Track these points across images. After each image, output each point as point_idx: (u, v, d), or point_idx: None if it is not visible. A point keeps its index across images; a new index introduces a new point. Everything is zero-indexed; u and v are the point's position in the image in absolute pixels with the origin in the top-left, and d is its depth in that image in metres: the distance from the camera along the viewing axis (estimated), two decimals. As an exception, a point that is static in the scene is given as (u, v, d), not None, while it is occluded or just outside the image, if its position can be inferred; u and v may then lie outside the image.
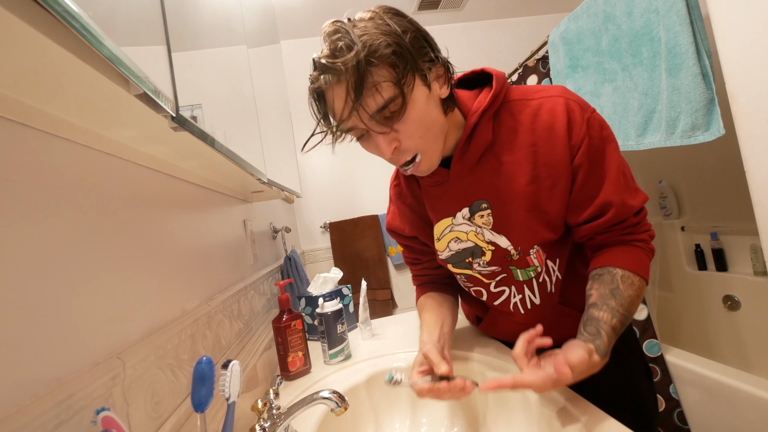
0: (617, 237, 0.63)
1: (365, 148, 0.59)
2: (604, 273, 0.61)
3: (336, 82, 0.50)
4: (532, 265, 0.66)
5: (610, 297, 0.57)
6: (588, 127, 0.59)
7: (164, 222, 0.52)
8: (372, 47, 0.48)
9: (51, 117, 0.32)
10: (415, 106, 0.52)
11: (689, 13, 1.06)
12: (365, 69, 0.48)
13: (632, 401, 0.71)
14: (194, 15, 0.51)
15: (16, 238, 0.28)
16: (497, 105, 0.61)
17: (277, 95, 1.37)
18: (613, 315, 0.55)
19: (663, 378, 1.34)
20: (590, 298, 0.59)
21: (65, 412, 0.29)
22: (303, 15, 2.19)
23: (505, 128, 0.61)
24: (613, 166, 0.60)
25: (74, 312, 0.33)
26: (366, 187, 2.46)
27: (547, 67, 1.70)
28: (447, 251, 0.70)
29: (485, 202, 0.64)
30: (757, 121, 0.87)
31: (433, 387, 0.56)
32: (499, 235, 0.65)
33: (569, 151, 0.59)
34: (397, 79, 0.50)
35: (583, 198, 0.61)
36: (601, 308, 0.56)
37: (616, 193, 0.60)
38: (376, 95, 0.49)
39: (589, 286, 0.62)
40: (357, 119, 0.51)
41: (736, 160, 0.92)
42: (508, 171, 0.61)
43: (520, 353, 0.54)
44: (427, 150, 0.56)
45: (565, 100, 0.59)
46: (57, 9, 0.21)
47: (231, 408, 0.43)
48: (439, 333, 0.67)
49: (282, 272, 1.39)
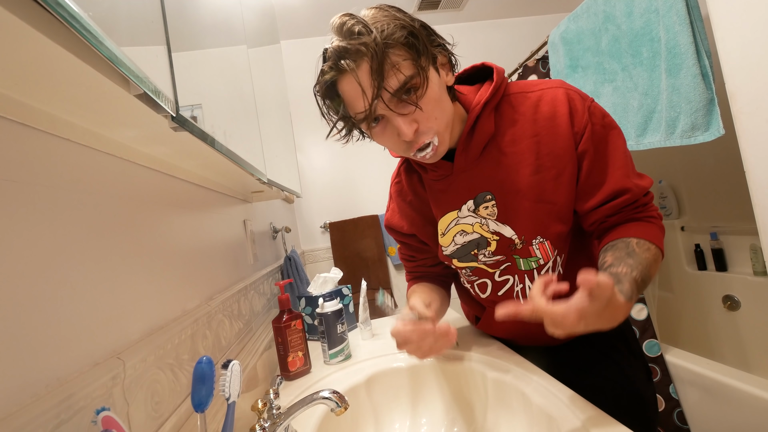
0: (629, 215, 0.62)
1: (379, 138, 0.58)
2: (617, 242, 0.58)
3: (356, 65, 0.50)
4: (534, 256, 0.66)
5: (626, 257, 0.54)
6: (590, 115, 0.59)
7: (164, 222, 0.52)
8: (386, 31, 0.50)
9: (51, 117, 0.32)
10: (431, 86, 0.53)
11: (689, 13, 1.06)
12: (383, 50, 0.49)
13: (632, 401, 0.71)
14: (194, 15, 0.51)
15: (16, 238, 0.28)
16: (498, 97, 0.62)
17: (277, 95, 1.37)
18: (632, 269, 0.52)
19: (663, 378, 1.34)
20: (605, 264, 0.55)
21: (65, 412, 0.29)
22: (303, 15, 2.19)
23: (507, 120, 0.62)
24: (619, 150, 0.61)
25: (74, 312, 0.33)
26: (366, 187, 2.46)
27: (547, 68, 1.71)
28: (452, 245, 0.71)
29: (489, 194, 0.64)
30: (757, 121, 0.87)
31: (418, 324, 0.56)
32: (503, 225, 0.65)
33: (573, 138, 0.60)
34: (415, 57, 0.51)
35: (593, 183, 0.61)
36: (618, 266, 0.53)
37: (627, 176, 0.60)
38: (398, 73, 0.50)
39: (602, 258, 0.58)
40: (379, 103, 0.52)
41: (736, 160, 0.92)
42: (511, 162, 0.62)
43: (536, 292, 0.46)
44: (443, 133, 0.56)
45: (565, 90, 0.61)
46: (57, 9, 0.21)
47: (231, 408, 0.43)
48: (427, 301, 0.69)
49: (282, 272, 1.39)
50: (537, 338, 0.78)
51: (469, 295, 0.81)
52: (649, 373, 0.76)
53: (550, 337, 0.76)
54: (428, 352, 0.58)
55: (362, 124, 0.56)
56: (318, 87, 0.56)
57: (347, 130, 0.59)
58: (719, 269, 1.68)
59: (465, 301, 0.88)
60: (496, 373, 0.69)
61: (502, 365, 0.71)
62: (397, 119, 0.53)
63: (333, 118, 0.58)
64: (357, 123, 0.57)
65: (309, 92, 0.57)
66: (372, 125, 0.56)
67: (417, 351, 0.58)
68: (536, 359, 0.71)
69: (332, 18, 0.52)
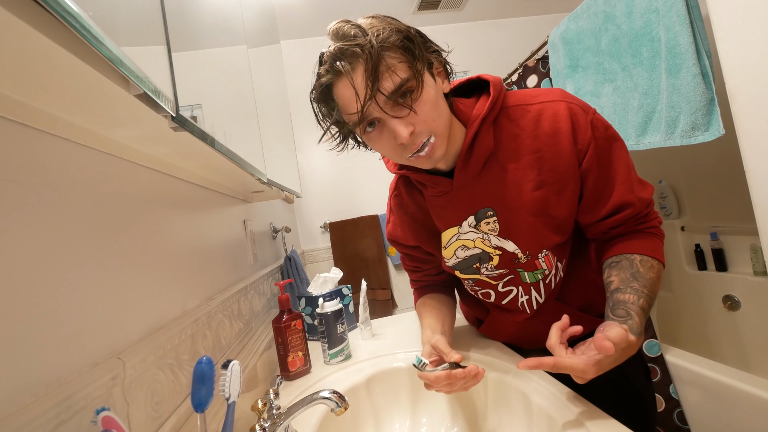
0: (630, 227, 0.63)
1: (373, 143, 0.58)
2: (621, 260, 0.60)
3: (352, 67, 0.50)
4: (540, 269, 0.67)
5: (632, 280, 0.57)
6: (593, 129, 0.59)
7: (164, 222, 0.52)
8: (382, 35, 0.50)
9: (51, 117, 0.32)
10: (427, 89, 0.53)
11: (689, 13, 1.06)
12: (379, 53, 0.49)
13: (631, 401, 0.71)
14: (194, 15, 0.51)
15: (16, 238, 0.28)
16: (496, 112, 0.61)
17: (277, 95, 1.37)
18: (639, 296, 0.55)
19: (663, 378, 1.34)
20: (611, 284, 0.58)
21: (65, 412, 0.29)
22: (303, 15, 2.19)
23: (507, 135, 0.61)
24: (622, 164, 0.61)
25: (74, 312, 0.33)
26: (366, 187, 2.46)
27: (547, 67, 1.70)
28: (454, 258, 0.70)
29: (491, 210, 0.64)
30: (757, 121, 0.87)
31: (450, 373, 0.56)
32: (506, 240, 0.65)
33: (576, 156, 0.59)
34: (410, 60, 0.51)
35: (597, 198, 0.62)
36: (626, 291, 0.56)
37: (630, 190, 0.61)
38: (393, 75, 0.50)
39: (607, 273, 0.61)
40: (373, 106, 0.52)
41: (736, 160, 0.92)
42: (513, 178, 0.61)
43: (555, 342, 0.52)
44: (440, 134, 0.55)
45: (566, 105, 0.59)
46: (57, 9, 0.21)
47: (231, 408, 0.43)
48: (441, 330, 0.68)
49: (282, 272, 1.39)
50: (538, 341, 0.78)
51: (472, 297, 0.81)
52: (648, 373, 0.76)
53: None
54: (457, 390, 0.59)
55: (357, 128, 0.55)
56: (314, 92, 0.56)
57: (342, 136, 0.59)
58: (719, 269, 1.68)
59: (467, 303, 0.88)
60: (496, 373, 0.69)
61: (502, 365, 0.71)
62: (392, 121, 0.53)
63: (328, 123, 0.57)
64: (352, 127, 0.56)
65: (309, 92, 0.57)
66: (367, 130, 0.56)
67: (446, 390, 0.59)
68: (536, 359, 0.71)
69: (329, 24, 0.52)
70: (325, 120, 0.57)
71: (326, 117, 0.57)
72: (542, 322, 0.72)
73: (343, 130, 0.58)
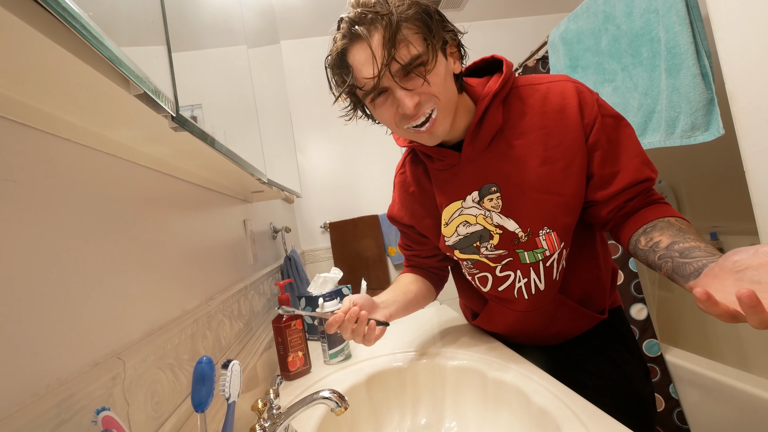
0: (645, 200, 0.62)
1: (378, 112, 0.60)
2: (657, 222, 0.57)
3: (370, 34, 0.52)
4: (540, 247, 0.66)
5: (682, 233, 0.52)
6: (599, 107, 0.61)
7: (164, 222, 0.52)
8: (402, 7, 0.52)
9: (51, 117, 0.32)
10: (438, 66, 0.55)
11: (689, 13, 1.06)
12: (398, 23, 0.51)
13: (631, 400, 0.71)
14: (194, 15, 0.51)
15: (16, 238, 0.28)
16: (507, 89, 0.63)
17: (277, 95, 1.37)
18: (698, 242, 0.49)
19: (663, 378, 1.34)
20: (661, 242, 0.53)
21: (65, 411, 0.29)
22: (303, 15, 2.19)
23: (515, 113, 0.63)
24: (632, 139, 0.62)
25: (74, 312, 0.33)
26: (366, 187, 2.45)
27: (547, 68, 1.71)
28: (455, 236, 0.71)
29: (495, 186, 0.65)
30: (757, 121, 0.87)
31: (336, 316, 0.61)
32: (507, 218, 0.65)
33: (582, 130, 0.61)
34: (427, 35, 0.53)
35: (609, 173, 0.62)
36: (686, 241, 0.50)
37: (645, 164, 0.62)
38: (410, 46, 0.52)
39: (647, 238, 0.56)
40: (385, 74, 0.53)
41: (736, 160, 0.92)
42: (519, 154, 0.63)
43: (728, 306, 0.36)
44: (443, 109, 0.57)
45: (573, 84, 0.62)
46: (57, 9, 0.21)
47: (231, 408, 0.43)
48: (393, 298, 0.72)
49: (282, 272, 1.39)
50: (535, 335, 0.78)
51: (470, 287, 0.82)
52: (647, 373, 0.76)
53: (547, 335, 0.77)
54: (359, 336, 0.64)
55: (367, 97, 0.57)
56: (329, 57, 0.58)
57: (353, 105, 0.61)
58: (719, 269, 1.68)
59: (464, 295, 0.88)
60: (496, 373, 0.69)
61: (502, 365, 0.71)
62: (400, 92, 0.54)
63: (340, 88, 0.59)
64: (363, 95, 0.57)
65: (309, 92, 0.58)
66: (375, 98, 0.58)
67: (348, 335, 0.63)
68: (535, 359, 0.71)
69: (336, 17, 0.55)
70: (338, 87, 0.59)
71: (339, 84, 0.59)
72: (540, 314, 0.72)
73: (353, 98, 0.60)
